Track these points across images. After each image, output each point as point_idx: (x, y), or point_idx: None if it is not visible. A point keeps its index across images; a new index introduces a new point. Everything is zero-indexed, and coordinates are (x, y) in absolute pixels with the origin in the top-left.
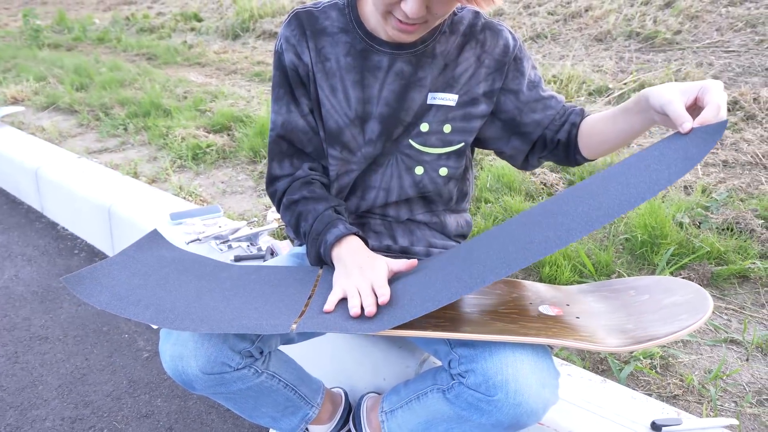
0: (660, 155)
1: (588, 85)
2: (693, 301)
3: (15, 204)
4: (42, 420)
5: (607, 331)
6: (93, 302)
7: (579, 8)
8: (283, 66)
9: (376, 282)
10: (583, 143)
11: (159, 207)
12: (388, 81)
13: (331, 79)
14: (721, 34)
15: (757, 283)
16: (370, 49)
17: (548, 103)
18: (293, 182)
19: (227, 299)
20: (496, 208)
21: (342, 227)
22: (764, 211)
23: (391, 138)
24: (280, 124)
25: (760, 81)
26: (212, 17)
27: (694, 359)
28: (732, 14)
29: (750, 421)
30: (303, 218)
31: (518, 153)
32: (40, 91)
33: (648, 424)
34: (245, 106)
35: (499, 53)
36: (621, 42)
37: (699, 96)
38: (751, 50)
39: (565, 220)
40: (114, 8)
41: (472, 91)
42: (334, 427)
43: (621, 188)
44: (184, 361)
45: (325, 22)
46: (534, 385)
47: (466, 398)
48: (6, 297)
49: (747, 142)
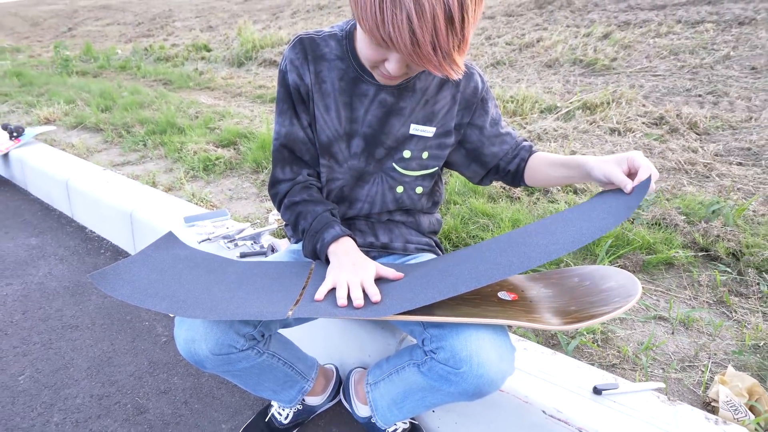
0: (608, 206)
1: (540, 104)
2: (626, 286)
3: (48, 211)
4: (73, 398)
5: (554, 312)
6: (116, 295)
7: (532, 39)
8: (287, 84)
9: (366, 281)
10: (528, 175)
11: (174, 212)
12: (372, 107)
13: (325, 99)
14: (650, 60)
15: (680, 269)
16: (360, 78)
17: (505, 138)
18: (294, 186)
19: (233, 290)
20: (463, 208)
21: (338, 228)
22: (686, 208)
23: (373, 156)
24: (283, 134)
25: (682, 100)
26: (220, 48)
27: (629, 333)
28: (658, 44)
29: (675, 384)
30: (302, 217)
31: (476, 175)
32: (70, 112)
33: (591, 388)
34: (249, 124)
35: (470, 93)
36: (567, 67)
37: (629, 164)
38: (674, 74)
39: (527, 251)
40: (134, 40)
41: (447, 124)
42: (327, 398)
43: (575, 230)
44: (195, 344)
45: (324, 49)
46: (494, 359)
47: (437, 371)
48: (41, 291)
49: (671, 151)
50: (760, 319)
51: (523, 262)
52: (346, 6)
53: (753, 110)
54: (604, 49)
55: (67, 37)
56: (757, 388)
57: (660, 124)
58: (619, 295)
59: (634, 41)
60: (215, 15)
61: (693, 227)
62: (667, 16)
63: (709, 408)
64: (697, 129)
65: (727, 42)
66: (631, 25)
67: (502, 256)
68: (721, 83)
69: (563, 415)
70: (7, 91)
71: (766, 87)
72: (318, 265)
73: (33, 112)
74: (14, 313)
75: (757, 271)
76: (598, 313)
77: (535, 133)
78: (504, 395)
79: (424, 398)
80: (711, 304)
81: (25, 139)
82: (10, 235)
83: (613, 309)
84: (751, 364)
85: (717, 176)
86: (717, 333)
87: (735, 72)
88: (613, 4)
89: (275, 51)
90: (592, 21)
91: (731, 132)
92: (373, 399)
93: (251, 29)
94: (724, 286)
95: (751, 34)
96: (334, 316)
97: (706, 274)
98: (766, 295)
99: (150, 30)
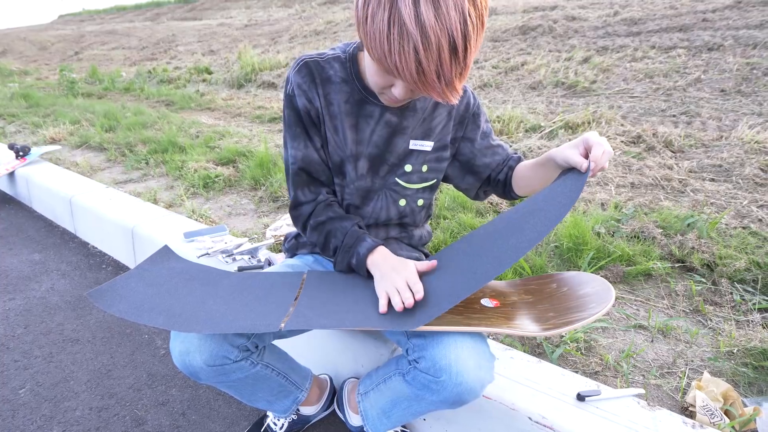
0: (564, 187)
1: (525, 123)
2: (600, 293)
3: (52, 227)
4: (73, 410)
5: (534, 319)
6: (113, 312)
7: (517, 63)
8: (296, 108)
9: (411, 279)
10: (515, 184)
11: (175, 227)
12: (378, 128)
13: (334, 121)
14: (627, 83)
15: (658, 279)
16: (365, 100)
17: (496, 150)
18: (317, 206)
19: (227, 303)
20: (453, 223)
21: (370, 240)
22: (663, 222)
23: (377, 174)
24: (300, 158)
25: (658, 120)
26: (220, 70)
27: (611, 342)
28: (635, 68)
29: (654, 390)
30: (332, 235)
31: (471, 187)
32: (75, 132)
33: (574, 395)
34: (247, 143)
35: (462, 110)
36: (550, 89)
37: (585, 146)
38: (650, 96)
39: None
40: (139, 63)
41: (444, 139)
42: (321, 408)
43: (538, 219)
44: (190, 356)
45: (329, 72)
46: (472, 367)
47: (420, 380)
48: (43, 306)
49: (649, 168)
50: (734, 327)
51: (496, 266)
52: (342, 32)
53: (723, 129)
54: (584, 72)
55: (74, 60)
56: (731, 393)
57: (637, 142)
58: (594, 300)
59: (612, 65)
60: (216, 39)
61: (670, 240)
62: (642, 42)
63: (687, 413)
64: (672, 147)
65: (698, 66)
66: (609, 50)
67: (477, 263)
68: (693, 104)
69: (548, 421)
70: (15, 112)
71: (734, 108)
72: (309, 276)
73: (39, 132)
74: (16, 327)
75: (730, 281)
76: (575, 319)
77: (521, 151)
78: (491, 402)
79: (410, 407)
80: (687, 312)
81: (30, 159)
82: (14, 251)
83: (589, 315)
84: (725, 370)
85: (691, 191)
86: (693, 340)
87: (706, 94)
88: (592, 31)
89: (274, 74)
90: (572, 46)
91: (704, 150)
92: (364, 409)
93: (251, 53)
94: (699, 296)
95: (719, 59)
96: (325, 327)
97: (682, 284)
98: (738, 304)
99: (154, 54)
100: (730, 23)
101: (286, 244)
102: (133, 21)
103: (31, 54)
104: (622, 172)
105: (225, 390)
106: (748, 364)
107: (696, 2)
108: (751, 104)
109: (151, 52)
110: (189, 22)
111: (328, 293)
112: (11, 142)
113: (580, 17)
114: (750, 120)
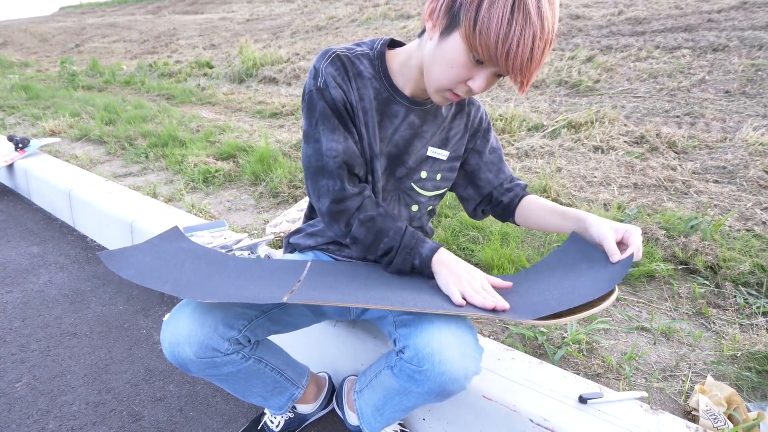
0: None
1: (528, 122)
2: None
3: (51, 220)
4: (69, 405)
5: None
6: (121, 274)
7: None
8: (331, 100)
9: (485, 284)
10: (520, 214)
11: (174, 222)
12: (401, 128)
13: (365, 116)
14: (631, 83)
15: (661, 281)
16: (392, 99)
17: (502, 168)
18: (363, 201)
19: (232, 279)
20: (454, 221)
21: (431, 242)
22: (666, 223)
23: (394, 174)
24: (342, 150)
25: (661, 120)
26: (222, 65)
27: (613, 344)
28: (638, 68)
29: (657, 393)
30: (385, 234)
31: (471, 200)
32: (75, 125)
33: (576, 398)
34: (248, 138)
35: (476, 123)
36: (553, 88)
37: (625, 236)
38: (654, 96)
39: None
40: (139, 57)
41: (458, 150)
42: (319, 406)
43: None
44: (180, 347)
45: (360, 67)
46: (456, 356)
47: (405, 371)
48: (41, 299)
49: (652, 169)
50: (737, 331)
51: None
52: (344, 27)
53: (727, 131)
54: (587, 71)
55: (75, 53)
56: (735, 397)
57: (641, 143)
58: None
59: (616, 65)
60: (218, 34)
61: (673, 241)
62: (647, 42)
63: (690, 417)
64: (675, 148)
65: (702, 67)
66: (613, 49)
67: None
68: (697, 105)
69: (550, 424)
70: (15, 104)
71: (739, 109)
72: (314, 264)
73: (39, 124)
74: (13, 320)
75: (734, 284)
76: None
77: (523, 150)
78: (492, 404)
79: (401, 402)
80: (690, 315)
81: (30, 151)
82: (12, 243)
83: (582, 311)
84: (729, 374)
85: (695, 193)
86: (696, 344)
87: (710, 95)
88: (596, 30)
89: (275, 68)
90: (576, 45)
91: (707, 151)
92: (359, 407)
93: (252, 48)
94: (702, 298)
95: (724, 60)
96: (327, 302)
97: (685, 287)
98: (742, 307)
99: (155, 47)
100: (735, 24)
101: (285, 240)
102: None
103: (32, 46)
104: (625, 173)
105: (218, 384)
106: (752, 369)
107: (701, 2)
108: (755, 106)
109: (152, 46)
110: (190, 16)
111: (334, 276)
112: (11, 133)
113: (584, 16)
114: (754, 122)
